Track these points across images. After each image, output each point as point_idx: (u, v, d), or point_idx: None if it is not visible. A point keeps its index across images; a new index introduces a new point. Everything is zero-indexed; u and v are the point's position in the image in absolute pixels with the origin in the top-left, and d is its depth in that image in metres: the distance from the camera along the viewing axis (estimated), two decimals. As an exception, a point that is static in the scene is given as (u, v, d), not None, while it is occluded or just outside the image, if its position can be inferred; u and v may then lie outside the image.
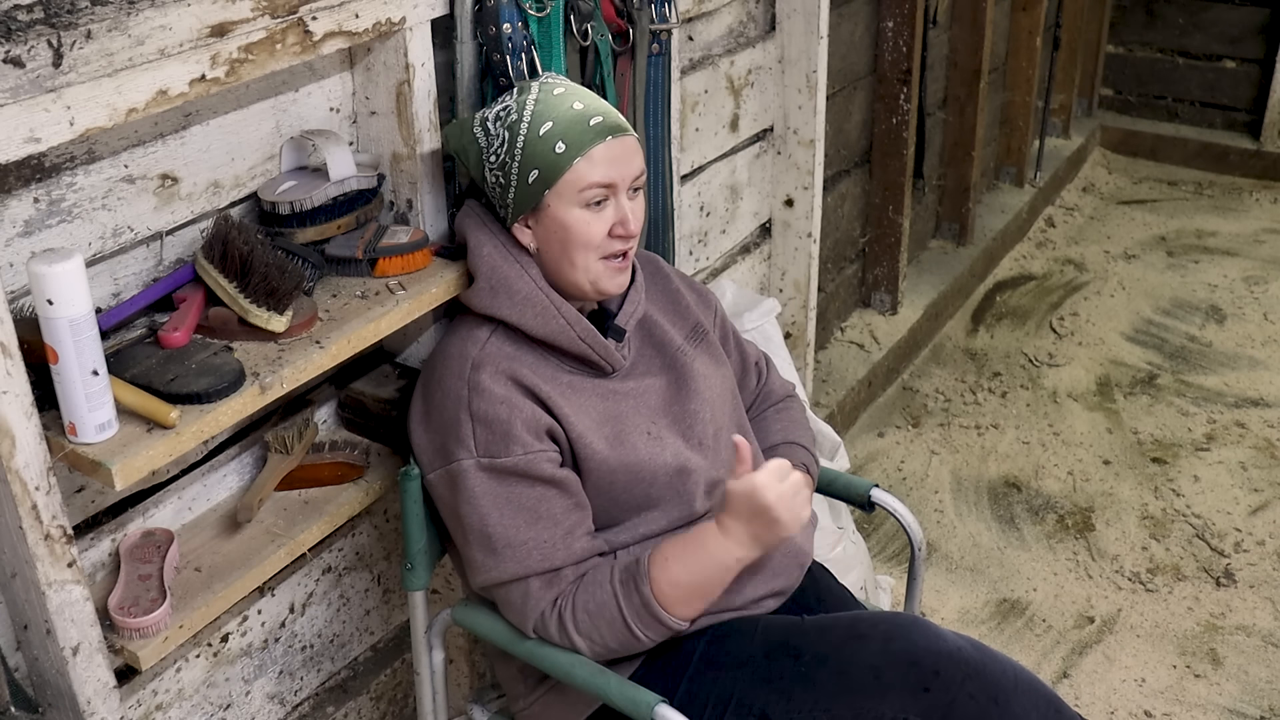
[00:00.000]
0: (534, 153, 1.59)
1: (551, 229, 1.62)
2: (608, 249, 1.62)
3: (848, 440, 3.34)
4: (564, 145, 1.58)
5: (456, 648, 2.18)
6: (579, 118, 1.59)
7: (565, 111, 1.60)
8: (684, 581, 1.55)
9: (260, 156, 1.70)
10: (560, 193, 1.59)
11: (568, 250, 1.62)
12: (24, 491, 1.30)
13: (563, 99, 1.62)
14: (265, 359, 1.53)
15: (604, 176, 1.59)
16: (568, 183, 1.59)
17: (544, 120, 1.59)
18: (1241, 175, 5.05)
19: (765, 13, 2.79)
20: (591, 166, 1.58)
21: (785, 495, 1.53)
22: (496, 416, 1.56)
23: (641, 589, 1.54)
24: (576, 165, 1.58)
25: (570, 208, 1.60)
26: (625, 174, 1.61)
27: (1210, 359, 3.75)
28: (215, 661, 1.82)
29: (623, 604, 1.54)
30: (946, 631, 1.59)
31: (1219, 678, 2.56)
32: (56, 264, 1.28)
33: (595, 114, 1.60)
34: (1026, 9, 4.35)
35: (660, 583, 1.54)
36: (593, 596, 1.56)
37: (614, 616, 1.55)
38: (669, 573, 1.55)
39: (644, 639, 1.56)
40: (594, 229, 1.60)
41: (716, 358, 1.81)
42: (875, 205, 3.64)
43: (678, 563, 1.55)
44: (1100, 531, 3.00)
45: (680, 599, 1.55)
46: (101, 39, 1.28)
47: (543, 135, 1.59)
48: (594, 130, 1.59)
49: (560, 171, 1.58)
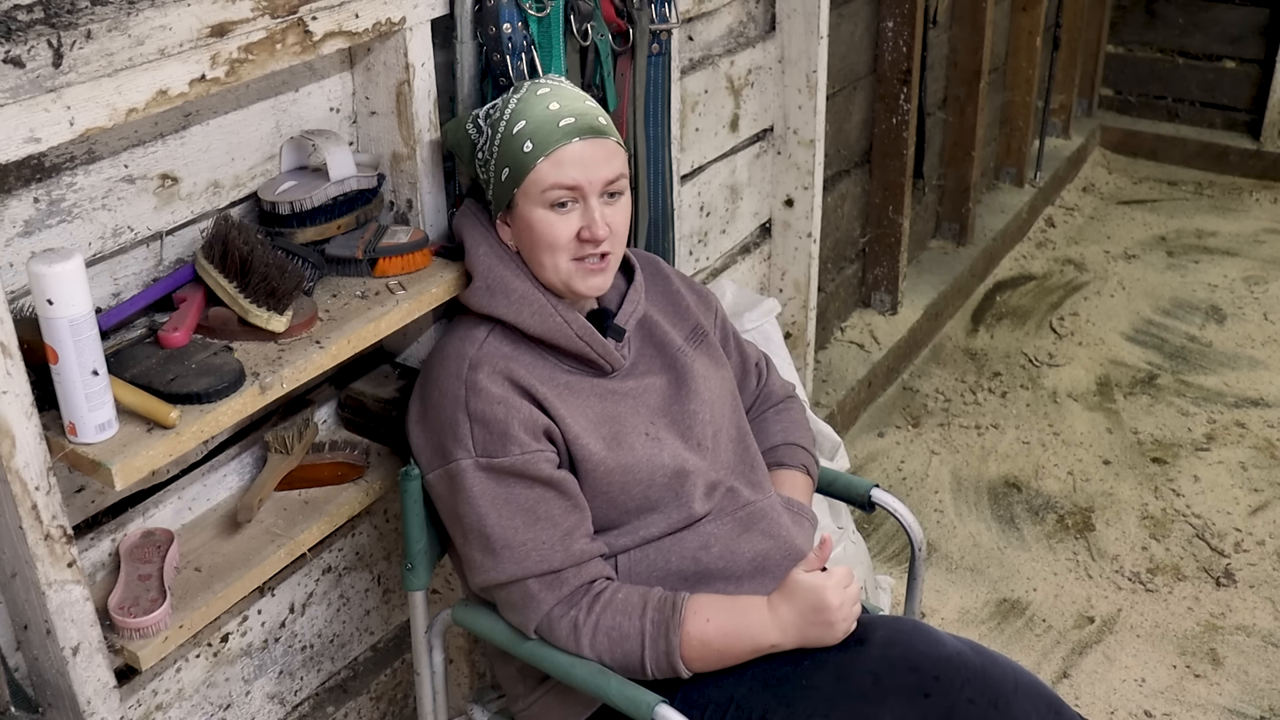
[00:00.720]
0: (506, 151, 1.60)
1: (521, 228, 1.62)
2: (576, 252, 1.61)
3: (848, 440, 3.34)
4: (531, 145, 1.58)
5: (456, 648, 2.18)
6: (550, 118, 1.59)
7: (539, 111, 1.59)
8: (715, 646, 1.54)
9: (260, 156, 1.70)
10: (526, 192, 1.59)
11: (535, 251, 1.62)
12: (24, 491, 1.30)
13: (543, 99, 1.61)
14: (265, 359, 1.52)
15: (568, 178, 1.57)
16: (532, 182, 1.58)
17: (519, 119, 1.60)
18: (1241, 175, 5.05)
19: (765, 13, 2.79)
20: (556, 168, 1.57)
21: (846, 604, 1.54)
22: (494, 416, 1.56)
23: (670, 638, 1.53)
24: (540, 165, 1.57)
25: (535, 208, 1.59)
26: (593, 177, 1.59)
27: (1210, 359, 3.75)
28: (215, 661, 1.82)
29: (647, 645, 1.54)
30: (946, 636, 1.59)
31: (1219, 678, 2.56)
32: (56, 264, 1.28)
33: (568, 115, 1.59)
34: (1026, 9, 4.36)
35: (692, 639, 1.53)
36: (618, 625, 1.55)
37: (633, 650, 1.54)
38: (704, 633, 1.54)
39: (651, 675, 1.56)
40: (558, 230, 1.59)
41: (716, 359, 1.81)
42: (875, 205, 3.64)
43: (714, 627, 1.54)
44: (1100, 531, 3.00)
45: (702, 658, 1.55)
46: (101, 39, 1.28)
47: (515, 134, 1.59)
48: (562, 131, 1.58)
49: (525, 171, 1.58)
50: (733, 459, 1.75)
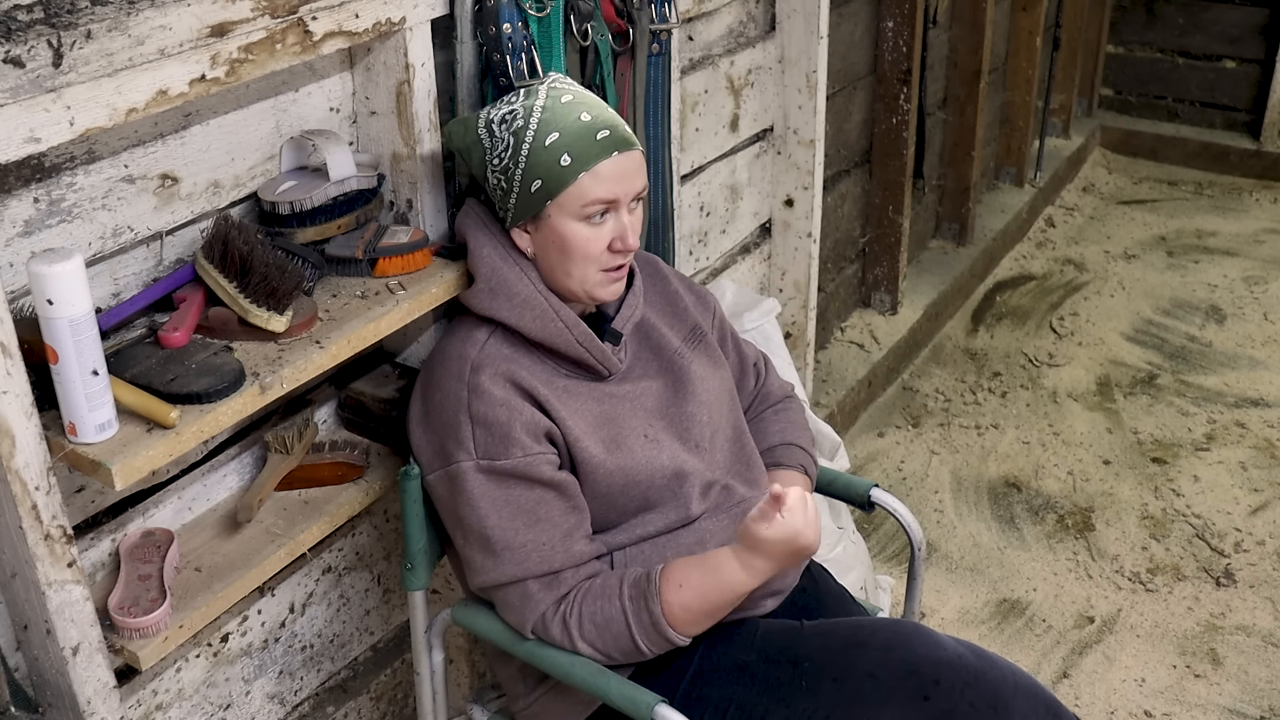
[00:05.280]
0: (538, 162, 1.58)
1: (550, 238, 1.61)
2: (606, 263, 1.61)
3: (848, 440, 3.34)
4: (570, 158, 1.56)
5: (456, 648, 2.18)
6: (586, 130, 1.58)
7: (573, 123, 1.58)
8: (695, 607, 1.55)
9: (260, 156, 1.70)
10: (562, 205, 1.58)
11: (564, 261, 1.61)
12: (24, 491, 1.31)
13: (570, 108, 1.59)
14: (265, 359, 1.52)
15: (608, 193, 1.58)
16: (571, 196, 1.57)
17: (550, 130, 1.57)
18: (1241, 175, 5.05)
19: (765, 13, 2.79)
20: (597, 182, 1.57)
21: (813, 525, 1.53)
22: (496, 419, 1.56)
23: (652, 609, 1.54)
24: (581, 180, 1.57)
25: (570, 221, 1.59)
26: (628, 189, 1.60)
27: (1210, 359, 3.75)
28: (215, 661, 1.82)
29: (631, 621, 1.54)
30: (946, 638, 1.59)
31: (1219, 678, 2.56)
32: (56, 264, 1.28)
33: (603, 127, 1.58)
34: (1026, 9, 4.36)
35: (672, 606, 1.54)
36: (600, 609, 1.55)
37: (621, 631, 1.55)
38: (681, 598, 1.54)
39: (648, 652, 1.57)
40: (593, 244, 1.60)
41: (714, 359, 1.80)
42: (875, 205, 3.64)
43: (691, 590, 1.55)
44: (1100, 531, 3.00)
45: (690, 621, 1.55)
46: (101, 39, 1.28)
47: (548, 146, 1.57)
48: (600, 145, 1.57)
49: (564, 184, 1.57)
50: (730, 459, 1.75)
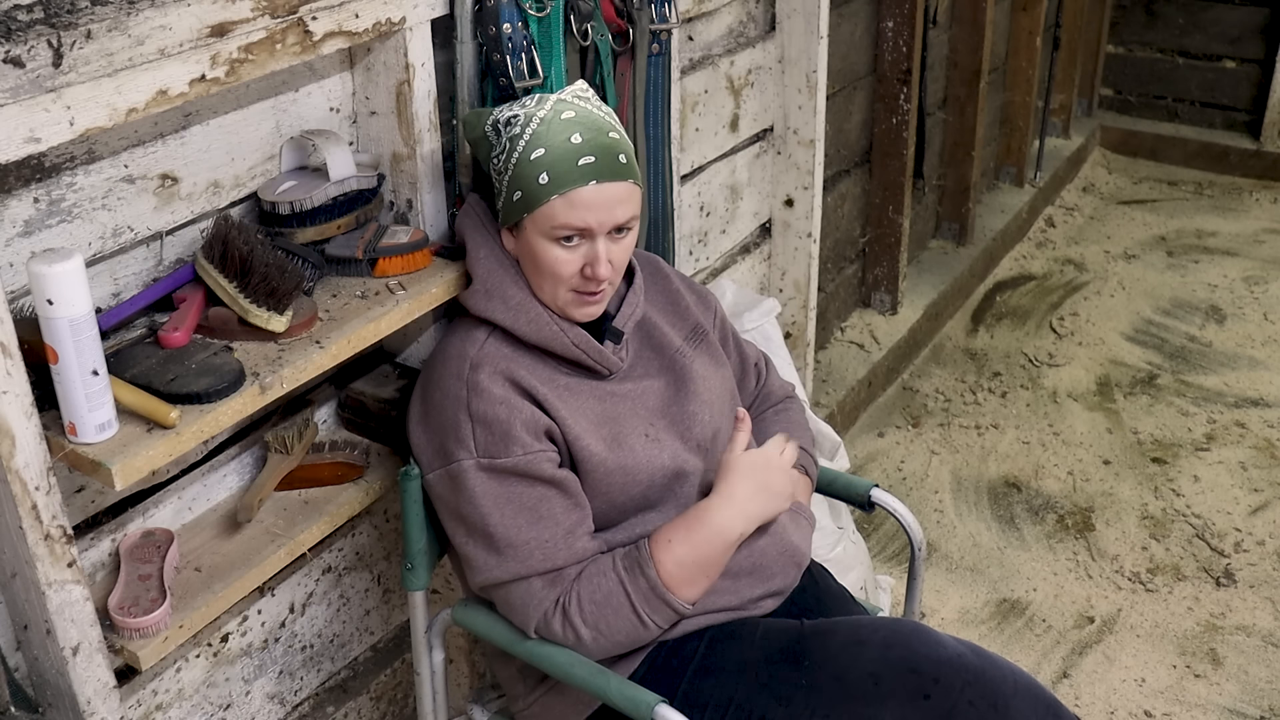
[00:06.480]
0: (521, 174, 1.57)
1: (525, 249, 1.61)
2: (577, 285, 1.60)
3: (848, 440, 3.34)
4: (547, 178, 1.55)
5: (456, 648, 2.18)
6: (570, 153, 1.55)
7: (561, 143, 1.55)
8: (688, 560, 1.56)
9: (260, 156, 1.70)
10: (535, 221, 1.57)
11: (536, 275, 1.62)
12: (24, 491, 1.31)
13: (566, 126, 1.56)
14: (265, 359, 1.52)
15: (579, 220, 1.55)
16: (543, 215, 1.56)
17: (537, 145, 1.56)
18: (1241, 175, 5.05)
19: (765, 13, 2.79)
20: (569, 207, 1.55)
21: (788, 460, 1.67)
22: (496, 417, 1.56)
23: (647, 572, 1.55)
24: (553, 202, 1.55)
25: (541, 239, 1.58)
26: (604, 220, 1.57)
27: (1210, 359, 3.75)
28: (215, 661, 1.82)
29: (629, 589, 1.55)
30: (946, 638, 1.59)
31: (1219, 678, 2.56)
32: (56, 264, 1.28)
33: (590, 153, 1.55)
34: (1026, 9, 4.35)
35: (665, 564, 1.55)
36: (598, 586, 1.56)
37: (621, 603, 1.55)
38: (673, 553, 1.56)
39: (651, 625, 1.56)
40: (563, 265, 1.58)
41: (716, 359, 1.81)
42: (875, 205, 3.64)
43: (681, 543, 1.57)
44: (1100, 531, 3.00)
45: (686, 578, 1.56)
46: (101, 39, 1.28)
47: (532, 160, 1.56)
48: (580, 171, 1.55)
49: (537, 202, 1.56)
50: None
